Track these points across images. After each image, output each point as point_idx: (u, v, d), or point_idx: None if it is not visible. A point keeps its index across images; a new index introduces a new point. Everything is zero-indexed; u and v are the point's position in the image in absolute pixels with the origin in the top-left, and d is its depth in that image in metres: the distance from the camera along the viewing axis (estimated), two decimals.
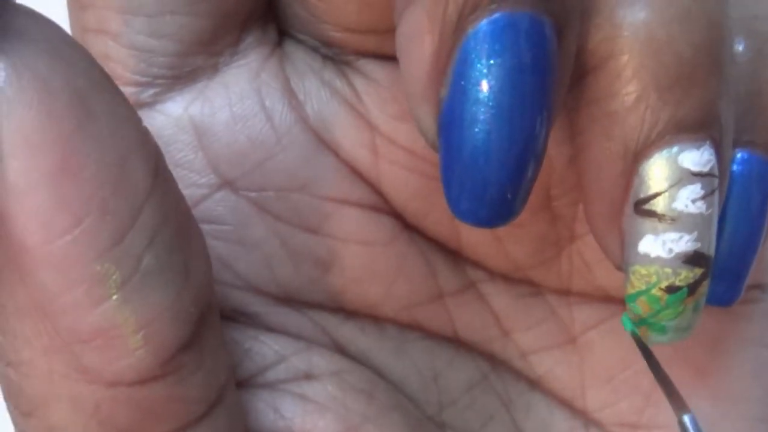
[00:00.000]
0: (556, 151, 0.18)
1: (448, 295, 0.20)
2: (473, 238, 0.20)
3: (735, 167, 0.17)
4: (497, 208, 0.15)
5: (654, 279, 0.16)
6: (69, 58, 0.14)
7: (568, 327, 0.21)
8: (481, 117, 0.15)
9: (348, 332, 0.19)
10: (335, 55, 0.19)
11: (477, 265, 0.20)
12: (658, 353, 0.21)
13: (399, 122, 0.18)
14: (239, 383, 0.18)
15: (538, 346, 0.21)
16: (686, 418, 0.16)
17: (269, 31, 0.19)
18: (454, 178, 0.15)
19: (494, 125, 0.15)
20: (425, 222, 0.19)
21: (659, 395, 0.21)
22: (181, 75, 0.18)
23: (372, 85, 0.18)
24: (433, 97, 0.15)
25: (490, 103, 0.15)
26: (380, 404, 0.19)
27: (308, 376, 0.18)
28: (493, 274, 0.20)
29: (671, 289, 0.16)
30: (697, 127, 0.15)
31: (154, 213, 0.14)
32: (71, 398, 0.14)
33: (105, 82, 0.14)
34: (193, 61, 0.18)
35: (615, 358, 0.21)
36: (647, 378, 0.21)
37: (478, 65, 0.14)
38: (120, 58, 0.18)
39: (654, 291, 0.16)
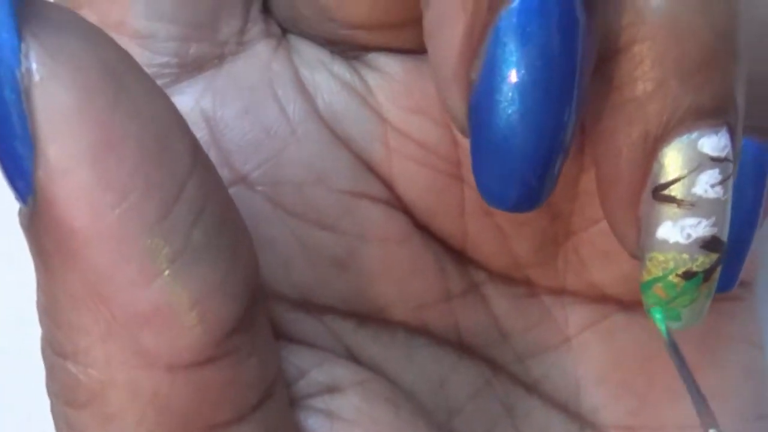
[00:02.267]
0: None
1: (456, 296, 0.20)
2: (480, 237, 0.19)
3: None
4: (527, 191, 0.15)
5: (671, 265, 0.16)
6: (95, 38, 0.14)
7: (562, 328, 0.21)
8: (515, 98, 0.15)
9: (361, 339, 0.18)
10: (341, 52, 0.18)
11: (478, 264, 0.20)
12: (644, 348, 0.21)
13: (412, 115, 0.18)
14: None
15: (535, 349, 0.21)
16: None
17: (272, 25, 0.18)
18: (484, 161, 0.15)
19: (528, 106, 0.15)
20: (434, 219, 0.19)
21: (654, 397, 0.21)
22: (186, 63, 0.17)
23: (384, 78, 0.18)
24: (463, 79, 0.15)
25: (525, 84, 0.14)
26: (406, 414, 0.18)
27: (331, 389, 0.17)
28: (492, 275, 0.20)
29: (688, 275, 0.16)
30: (716, 113, 0.16)
31: (199, 188, 0.14)
32: (129, 385, 0.14)
33: (132, 59, 0.14)
34: (198, 48, 0.17)
35: (609, 359, 0.21)
36: (641, 379, 0.21)
37: (512, 45, 0.14)
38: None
39: (671, 277, 0.16)
